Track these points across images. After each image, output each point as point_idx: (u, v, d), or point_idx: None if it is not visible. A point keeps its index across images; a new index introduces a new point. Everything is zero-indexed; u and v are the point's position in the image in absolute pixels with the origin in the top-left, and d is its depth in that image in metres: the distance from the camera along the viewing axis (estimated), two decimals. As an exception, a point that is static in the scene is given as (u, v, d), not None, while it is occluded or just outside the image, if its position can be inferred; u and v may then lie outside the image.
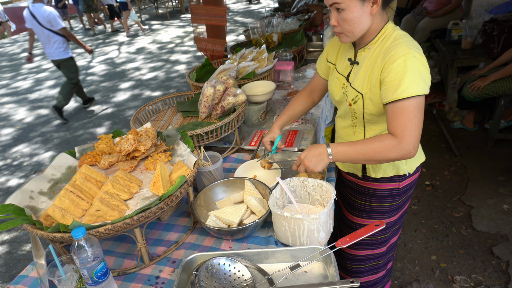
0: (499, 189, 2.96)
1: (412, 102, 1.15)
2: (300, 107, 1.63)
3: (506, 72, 3.06)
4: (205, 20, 2.81)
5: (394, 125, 1.18)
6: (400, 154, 1.18)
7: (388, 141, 1.17)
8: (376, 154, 1.19)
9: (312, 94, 1.64)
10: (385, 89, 1.20)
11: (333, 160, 1.25)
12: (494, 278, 2.26)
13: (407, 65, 1.15)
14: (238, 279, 1.08)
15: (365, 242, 1.63)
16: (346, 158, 1.24)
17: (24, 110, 6.24)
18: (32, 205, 1.23)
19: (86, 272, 1.00)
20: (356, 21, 1.21)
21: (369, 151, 1.19)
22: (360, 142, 1.22)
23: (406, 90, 1.14)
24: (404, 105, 1.16)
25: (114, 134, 1.61)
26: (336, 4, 1.19)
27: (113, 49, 9.52)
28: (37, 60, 9.21)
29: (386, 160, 1.21)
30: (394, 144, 1.16)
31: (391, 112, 1.19)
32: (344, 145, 1.24)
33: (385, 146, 1.17)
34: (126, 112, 5.61)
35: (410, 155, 1.18)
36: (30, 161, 4.60)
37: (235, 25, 10.48)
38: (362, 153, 1.21)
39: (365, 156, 1.20)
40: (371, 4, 1.20)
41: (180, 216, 1.44)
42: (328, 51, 1.53)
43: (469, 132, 3.78)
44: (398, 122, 1.17)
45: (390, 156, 1.18)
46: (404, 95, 1.15)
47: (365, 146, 1.20)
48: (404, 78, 1.15)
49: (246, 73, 2.24)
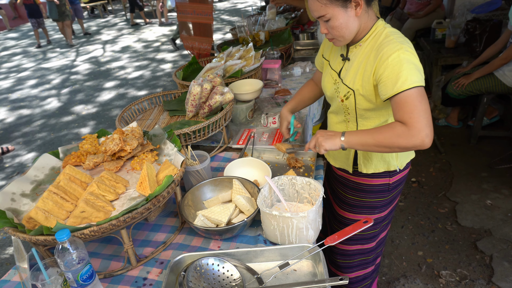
0: (482, 185, 3.02)
1: (413, 91, 1.15)
2: (310, 94, 1.69)
3: (489, 69, 3.13)
4: (191, 18, 2.78)
5: (401, 115, 1.17)
6: (411, 142, 1.14)
7: (397, 127, 1.17)
8: (386, 140, 1.18)
9: (318, 85, 1.69)
10: (384, 85, 1.21)
11: (345, 142, 1.26)
12: (478, 272, 2.31)
13: (402, 59, 1.17)
14: (227, 279, 1.07)
15: (355, 237, 1.64)
16: (358, 142, 1.24)
17: (4, 110, 6.09)
18: (14, 207, 1.20)
19: (71, 275, 0.98)
20: (343, 27, 1.24)
21: (380, 136, 1.19)
22: (373, 129, 1.24)
23: (406, 82, 1.15)
24: (406, 95, 1.15)
25: (99, 134, 1.58)
26: (322, 17, 1.24)
27: (97, 47, 9.37)
28: (17, 59, 9.00)
29: (397, 147, 1.18)
30: (403, 130, 1.15)
31: (395, 104, 1.19)
32: (357, 132, 1.27)
33: (395, 132, 1.16)
34: (111, 112, 5.52)
35: (424, 143, 1.14)
36: (12, 162, 4.49)
37: (221, 23, 10.44)
38: (374, 138, 1.20)
39: (377, 141, 1.20)
40: (354, 8, 1.22)
41: (168, 216, 1.42)
42: (323, 47, 1.56)
43: (453, 129, 3.85)
44: (404, 111, 1.16)
45: (400, 142, 1.16)
46: (404, 87, 1.15)
47: (376, 131, 1.21)
48: (401, 71, 1.16)
49: (233, 71, 2.23)
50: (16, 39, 11.50)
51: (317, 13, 1.24)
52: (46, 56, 9.10)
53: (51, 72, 7.79)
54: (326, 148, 1.29)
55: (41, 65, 8.37)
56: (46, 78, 7.45)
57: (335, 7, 1.20)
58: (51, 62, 8.53)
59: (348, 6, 1.21)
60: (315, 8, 1.24)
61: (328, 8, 1.21)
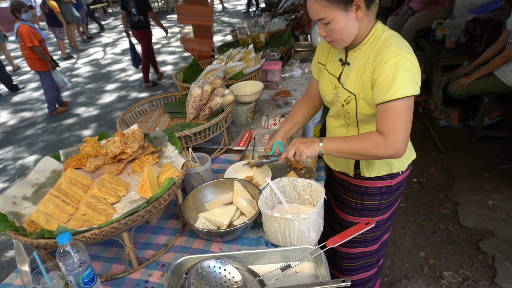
0: (484, 185, 3.01)
1: (401, 102, 1.17)
2: (302, 113, 1.62)
3: (489, 68, 3.13)
4: (191, 20, 2.79)
5: (382, 124, 1.21)
6: (386, 153, 1.20)
7: (375, 138, 1.21)
8: (363, 149, 1.23)
9: (312, 100, 1.64)
10: (377, 90, 1.22)
11: (323, 148, 1.29)
12: (481, 273, 2.30)
13: (399, 66, 1.17)
14: (229, 281, 1.07)
15: (358, 240, 1.64)
16: (335, 149, 1.28)
17: (6, 113, 6.10)
18: (15, 210, 1.20)
19: (73, 278, 0.98)
20: (343, 30, 1.23)
21: (357, 145, 1.23)
22: (350, 137, 1.28)
23: (398, 91, 1.16)
24: (394, 105, 1.18)
25: (100, 136, 1.58)
26: (321, 19, 1.23)
27: (98, 50, 9.38)
28: (18, 62, 9.01)
29: (372, 157, 1.23)
30: (380, 142, 1.20)
31: (380, 111, 1.22)
32: (335, 138, 1.30)
33: (372, 142, 1.21)
34: (112, 114, 5.53)
35: (397, 154, 1.21)
36: (14, 164, 4.50)
37: (221, 25, 10.45)
38: (350, 146, 1.25)
39: (353, 149, 1.24)
40: (354, 11, 1.21)
41: (169, 218, 1.42)
42: (318, 53, 1.54)
43: (454, 129, 3.84)
44: (386, 122, 1.19)
45: (376, 152, 1.21)
46: (395, 96, 1.17)
47: (353, 140, 1.25)
48: (395, 79, 1.17)
49: (234, 73, 2.23)
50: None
51: (317, 15, 1.23)
52: (47, 59, 9.10)
53: (52, 75, 7.80)
54: (308, 155, 1.30)
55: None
56: (47, 81, 7.45)
57: (336, 10, 1.19)
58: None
59: (349, 9, 1.19)
60: (315, 10, 1.22)
61: (328, 11, 1.19)
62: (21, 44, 5.03)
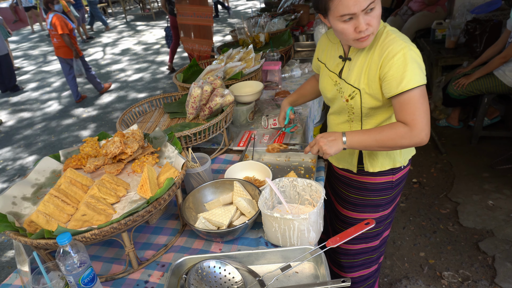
0: (484, 185, 3.01)
1: (417, 91, 1.20)
2: (312, 89, 1.71)
3: (489, 68, 3.13)
4: (191, 20, 2.79)
5: (403, 115, 1.22)
6: (413, 141, 1.22)
7: (400, 128, 1.22)
8: (390, 141, 1.24)
9: None
10: (388, 83, 1.23)
11: (347, 145, 1.29)
12: (481, 273, 2.30)
13: (407, 58, 1.19)
14: (229, 282, 1.06)
15: (359, 236, 1.63)
16: (360, 144, 1.28)
17: (5, 113, 6.10)
18: (15, 211, 1.20)
19: (73, 278, 0.98)
20: (380, 15, 1.21)
21: (383, 138, 1.24)
22: (374, 130, 1.27)
23: (410, 82, 1.19)
24: (410, 95, 1.20)
25: (100, 136, 1.58)
26: (371, 4, 1.14)
27: (98, 50, 9.38)
28: (18, 62, 9.01)
29: (398, 147, 1.25)
30: (406, 131, 1.21)
31: (398, 104, 1.24)
32: (358, 132, 1.29)
33: (397, 133, 1.22)
34: (111, 114, 5.53)
35: (423, 141, 1.23)
36: (13, 165, 4.49)
37: (221, 25, 10.45)
38: (375, 139, 1.25)
39: (379, 142, 1.25)
40: None
41: (169, 219, 1.42)
42: (318, 51, 1.57)
43: (454, 129, 3.84)
44: (407, 112, 1.21)
45: (403, 142, 1.23)
46: (408, 87, 1.19)
47: (378, 133, 1.25)
48: (406, 71, 1.19)
49: (234, 73, 2.23)
50: (17, 42, 11.53)
51: (366, 2, 1.13)
52: (46, 59, 9.12)
53: (52, 75, 7.80)
54: (332, 155, 1.30)
55: (41, 68, 8.38)
56: (46, 81, 7.46)
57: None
58: (52, 65, 8.54)
59: None
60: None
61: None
62: (53, 34, 5.42)
